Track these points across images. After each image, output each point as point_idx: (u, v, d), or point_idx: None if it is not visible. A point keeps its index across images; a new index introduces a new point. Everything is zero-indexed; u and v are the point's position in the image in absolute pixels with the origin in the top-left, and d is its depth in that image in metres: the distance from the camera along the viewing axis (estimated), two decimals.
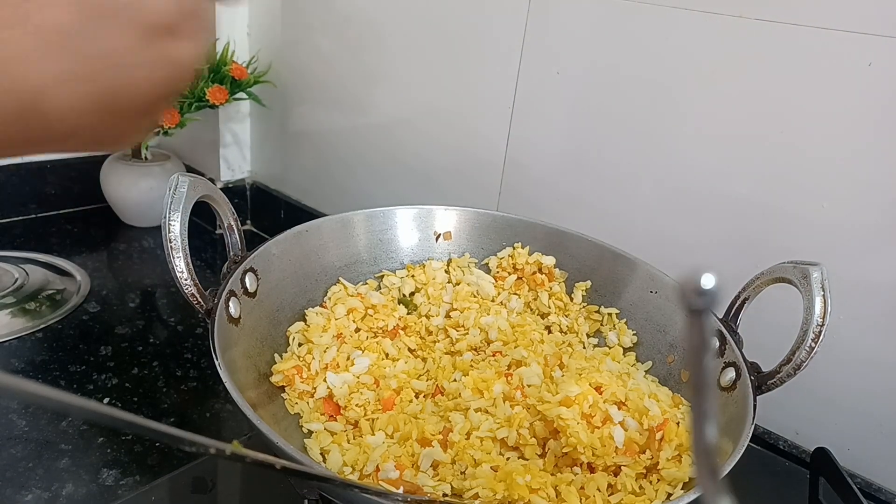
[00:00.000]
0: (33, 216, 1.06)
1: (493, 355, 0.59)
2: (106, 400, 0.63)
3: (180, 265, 0.47)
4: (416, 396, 0.55)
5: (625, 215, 0.73)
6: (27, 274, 0.87)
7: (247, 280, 0.55)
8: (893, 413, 0.60)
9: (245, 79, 0.98)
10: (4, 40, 0.17)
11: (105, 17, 0.19)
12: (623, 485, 0.46)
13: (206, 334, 0.47)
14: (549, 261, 0.67)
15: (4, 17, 0.17)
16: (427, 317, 0.65)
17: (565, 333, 0.65)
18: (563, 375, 0.55)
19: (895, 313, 0.58)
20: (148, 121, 0.21)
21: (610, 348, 0.61)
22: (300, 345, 0.58)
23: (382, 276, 0.68)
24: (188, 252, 0.47)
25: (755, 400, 0.46)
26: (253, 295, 0.55)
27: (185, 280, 0.48)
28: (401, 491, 0.45)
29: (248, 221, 1.16)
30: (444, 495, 0.45)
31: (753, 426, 0.44)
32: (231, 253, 0.55)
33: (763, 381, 0.48)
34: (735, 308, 0.54)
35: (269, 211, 1.12)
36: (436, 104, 0.85)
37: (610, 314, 0.64)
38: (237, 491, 0.55)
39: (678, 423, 0.49)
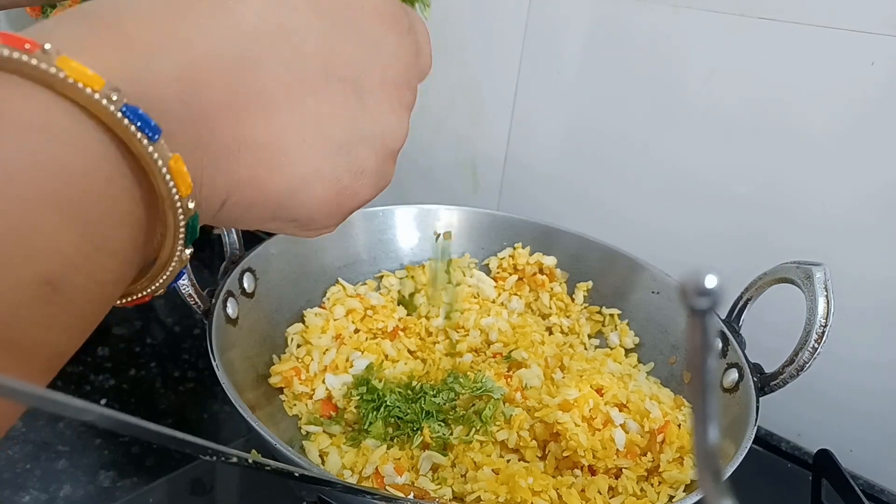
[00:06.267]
0: None
1: (494, 357, 0.59)
2: (103, 401, 0.63)
3: None
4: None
5: (626, 215, 0.73)
6: None
7: (245, 280, 0.54)
8: None
9: None
10: (280, 144, 0.21)
11: (367, 139, 0.23)
12: (624, 487, 0.46)
13: (203, 335, 0.47)
14: (549, 261, 0.67)
15: (302, 129, 0.21)
16: (427, 318, 0.65)
17: (566, 334, 0.64)
18: (563, 377, 0.55)
19: None
20: (344, 219, 0.25)
21: (611, 349, 0.61)
22: (299, 346, 0.58)
23: (382, 277, 0.67)
24: None
25: (758, 401, 0.46)
26: (251, 295, 0.55)
27: (183, 280, 0.47)
28: (411, 496, 0.44)
29: None
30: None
31: (756, 428, 0.44)
32: (229, 252, 0.55)
33: (766, 383, 0.48)
34: (738, 308, 0.54)
35: None
36: (436, 103, 0.85)
37: (611, 315, 0.64)
38: (235, 493, 0.54)
39: (679, 426, 0.49)
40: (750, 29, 0.59)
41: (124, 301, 0.21)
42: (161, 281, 0.21)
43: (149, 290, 0.21)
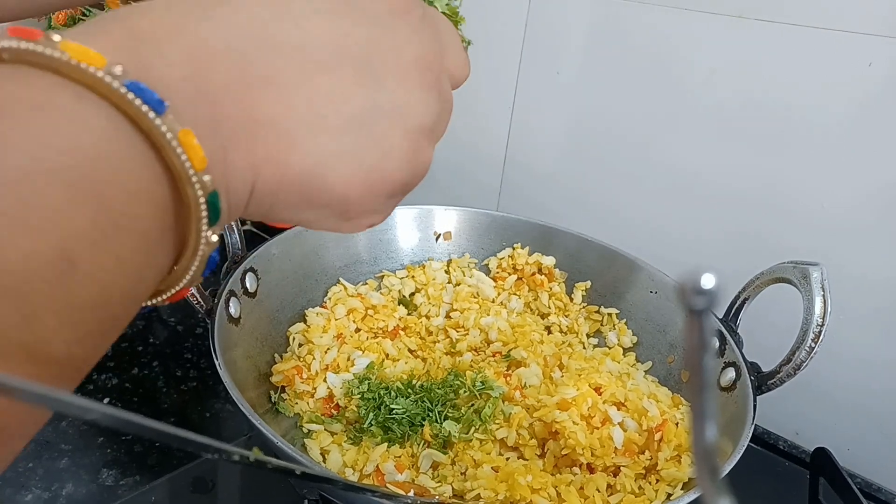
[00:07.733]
0: None
1: (493, 356, 0.59)
2: (106, 400, 0.63)
3: None
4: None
5: (625, 214, 0.73)
6: None
7: (247, 280, 0.55)
8: (893, 413, 0.60)
9: None
10: (294, 121, 0.21)
11: (386, 115, 0.23)
12: (622, 485, 0.46)
13: (206, 334, 0.47)
14: (548, 261, 0.67)
15: (308, 108, 0.21)
16: (427, 317, 0.65)
17: (565, 334, 0.65)
18: (562, 376, 0.55)
19: (894, 312, 0.58)
20: (390, 206, 0.25)
21: (610, 348, 0.61)
22: (300, 345, 0.58)
23: (382, 277, 0.68)
24: None
25: (755, 400, 0.46)
26: (253, 295, 0.55)
27: None
28: (412, 494, 0.45)
29: (248, 221, 1.16)
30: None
31: (753, 426, 0.44)
32: (231, 253, 0.55)
33: (763, 381, 0.48)
34: (735, 308, 0.54)
35: None
36: None
37: (610, 314, 0.64)
38: (237, 491, 0.54)
39: (677, 424, 0.49)
40: (750, 30, 0.59)
41: (160, 299, 0.21)
42: (194, 269, 0.20)
43: (184, 281, 0.20)
